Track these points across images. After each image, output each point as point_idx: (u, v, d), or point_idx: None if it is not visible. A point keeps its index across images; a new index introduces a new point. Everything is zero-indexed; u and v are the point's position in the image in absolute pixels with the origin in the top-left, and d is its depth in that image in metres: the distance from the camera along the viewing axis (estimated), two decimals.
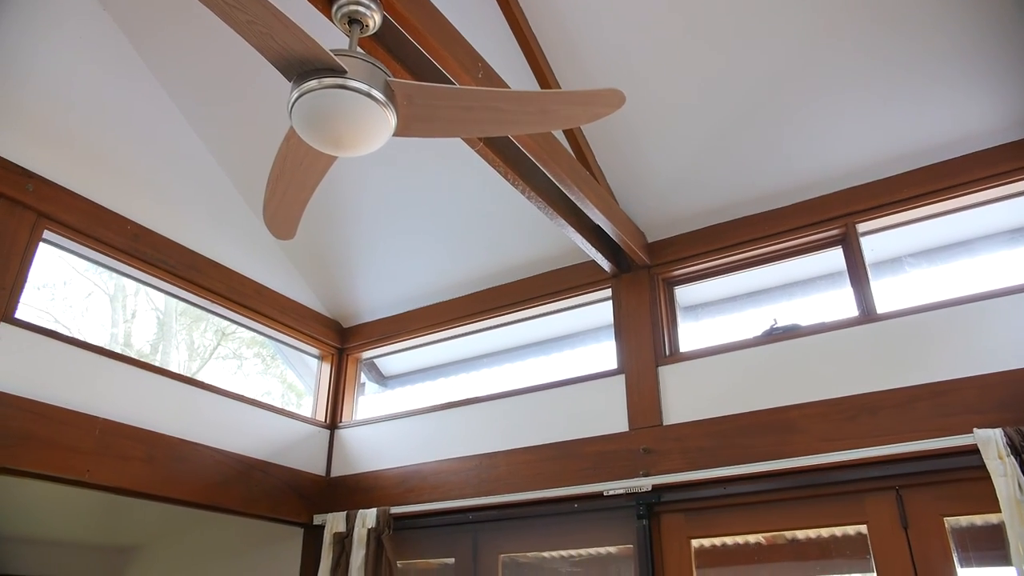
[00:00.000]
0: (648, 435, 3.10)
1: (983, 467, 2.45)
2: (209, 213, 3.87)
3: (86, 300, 8.00)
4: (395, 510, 3.55)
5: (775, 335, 3.07)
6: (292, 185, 2.21)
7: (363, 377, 4.51)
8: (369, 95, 1.82)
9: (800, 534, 4.95)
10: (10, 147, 3.05)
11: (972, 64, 2.72)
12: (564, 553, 5.58)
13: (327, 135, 1.88)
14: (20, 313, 2.96)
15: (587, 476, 3.14)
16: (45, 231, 3.14)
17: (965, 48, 2.69)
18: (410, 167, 3.64)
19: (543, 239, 3.65)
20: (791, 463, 2.77)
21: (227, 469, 3.49)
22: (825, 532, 4.85)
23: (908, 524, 2.63)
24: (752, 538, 5.13)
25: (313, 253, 4.16)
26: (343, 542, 3.58)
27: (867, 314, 2.94)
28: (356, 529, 3.54)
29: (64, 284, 7.50)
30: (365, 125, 1.87)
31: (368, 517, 3.54)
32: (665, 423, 3.10)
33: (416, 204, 3.78)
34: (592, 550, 5.53)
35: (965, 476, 2.55)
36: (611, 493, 3.05)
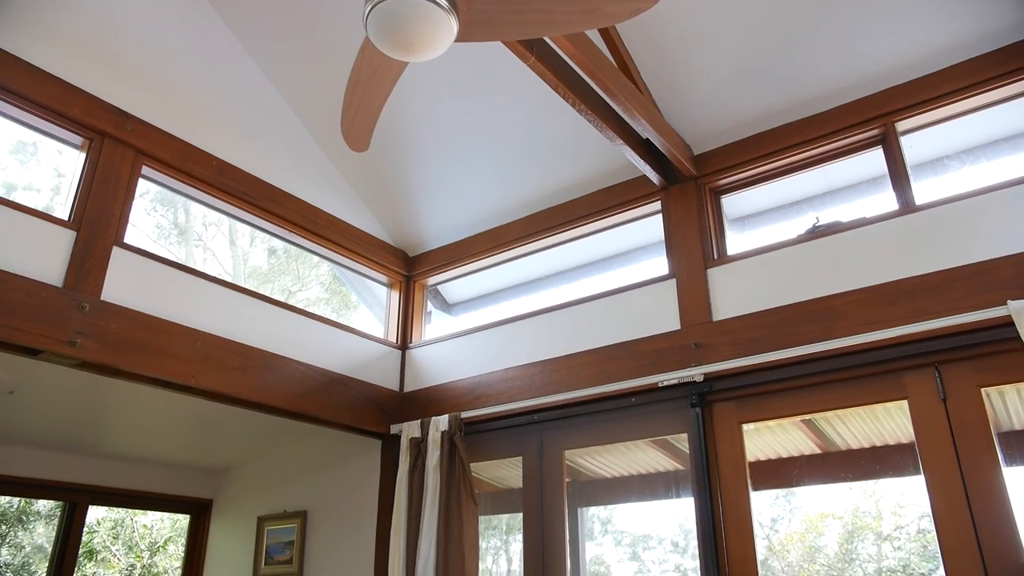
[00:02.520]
0: (699, 331, 3.32)
1: (1018, 338, 2.60)
2: (283, 150, 4.19)
3: None
4: (465, 415, 3.86)
5: (818, 232, 3.24)
6: (367, 96, 2.47)
7: (429, 305, 4.82)
8: (435, 1, 2.06)
9: (853, 443, 5.14)
10: (110, 92, 3.40)
11: None
12: (627, 473, 5.86)
13: (398, 41, 2.12)
14: (128, 239, 3.34)
15: (643, 371, 3.38)
16: (144, 167, 3.49)
17: None
18: (465, 98, 3.88)
19: (594, 159, 3.86)
20: (834, 344, 2.95)
21: (312, 381, 3.84)
22: (878, 440, 5.02)
23: (947, 396, 2.79)
24: (806, 448, 5.34)
25: (378, 187, 4.46)
26: (419, 446, 3.91)
27: (906, 206, 3.08)
28: (431, 433, 3.86)
29: None
30: (431, 30, 2.11)
31: (441, 422, 3.85)
32: (715, 319, 3.31)
33: (472, 134, 4.02)
34: (652, 468, 5.79)
35: (1001, 348, 2.70)
36: (665, 384, 3.29)
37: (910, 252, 2.96)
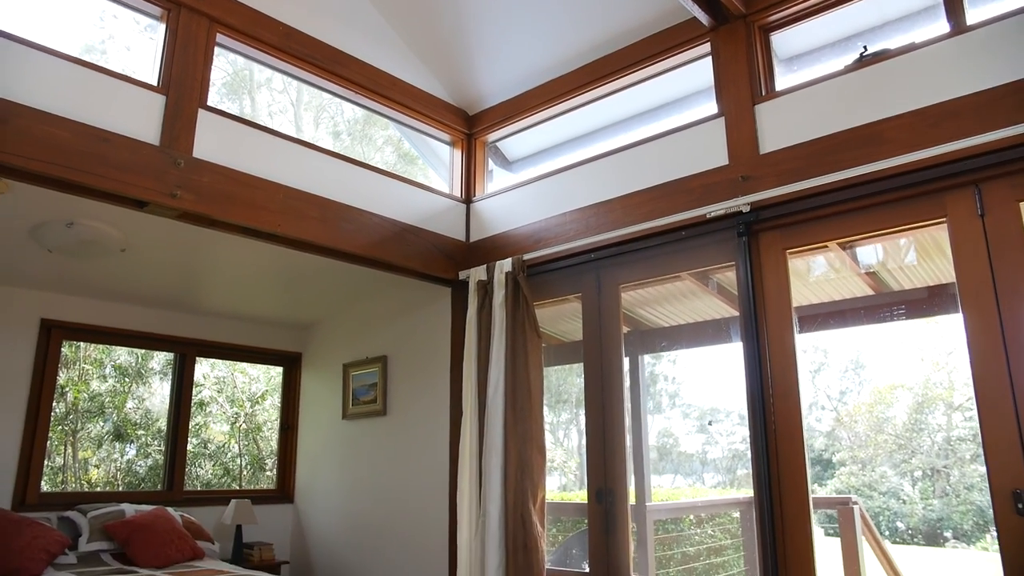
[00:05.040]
0: (746, 164, 3.46)
1: None
2: (345, 14, 4.37)
3: None
4: (527, 257, 4.15)
5: (865, 61, 3.28)
6: None
7: (491, 164, 5.05)
8: None
9: (906, 282, 5.26)
10: None
11: None
12: (684, 321, 6.12)
13: None
14: (210, 103, 3.63)
15: (692, 205, 3.57)
16: (217, 34, 3.74)
17: None
18: None
19: (645, 3, 3.91)
20: (876, 167, 3.06)
21: (384, 231, 4.17)
22: (930, 280, 5.13)
23: (985, 213, 2.90)
24: (858, 290, 5.49)
25: (436, 47, 4.62)
26: (485, 288, 4.25)
27: (957, 28, 3.09)
28: (496, 275, 4.18)
29: None
30: None
31: (505, 264, 4.16)
32: (762, 153, 3.44)
33: None
34: (709, 315, 6.03)
35: None
36: (713, 215, 3.48)
37: (957, 74, 3.00)
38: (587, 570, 3.78)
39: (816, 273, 4.81)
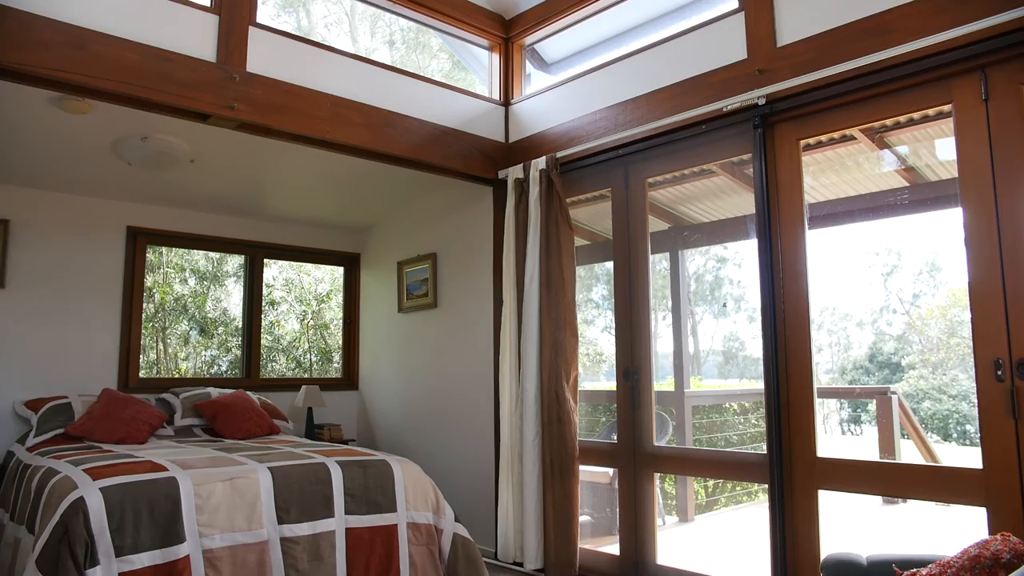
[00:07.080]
0: (763, 58, 3.58)
1: None
2: None
3: None
4: (560, 154, 4.40)
5: None
6: None
7: (529, 67, 5.23)
8: None
9: (938, 171, 5.32)
10: None
11: None
12: (724, 216, 6.29)
13: None
14: (259, 20, 3.93)
15: (711, 99, 3.73)
16: None
17: None
18: None
19: None
20: (886, 54, 3.16)
21: (426, 134, 4.47)
22: (953, 172, 5.18)
23: (989, 97, 3.01)
24: (896, 184, 5.56)
25: None
26: (522, 185, 4.53)
27: None
28: (531, 173, 4.45)
29: None
30: None
31: (539, 162, 4.42)
32: (779, 46, 3.56)
33: None
34: (726, 215, 6.18)
35: None
36: (729, 109, 3.64)
37: None
38: (615, 440, 4.19)
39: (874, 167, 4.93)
